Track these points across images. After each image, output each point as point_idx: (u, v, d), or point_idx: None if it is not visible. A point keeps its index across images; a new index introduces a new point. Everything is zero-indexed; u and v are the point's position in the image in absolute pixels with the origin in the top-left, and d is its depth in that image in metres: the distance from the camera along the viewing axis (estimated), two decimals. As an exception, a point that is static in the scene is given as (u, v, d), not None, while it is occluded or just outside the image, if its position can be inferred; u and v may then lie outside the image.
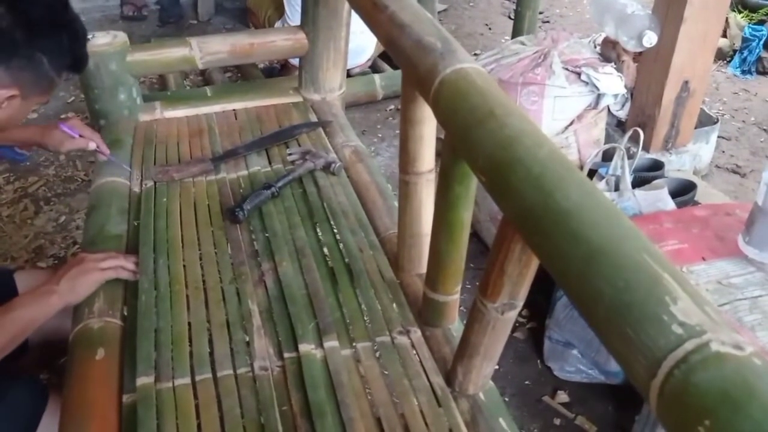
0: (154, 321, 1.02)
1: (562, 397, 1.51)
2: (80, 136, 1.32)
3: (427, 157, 1.03)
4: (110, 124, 1.57)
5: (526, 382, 1.56)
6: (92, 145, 1.33)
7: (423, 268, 1.10)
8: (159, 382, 0.92)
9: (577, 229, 0.56)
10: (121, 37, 1.53)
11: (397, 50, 0.96)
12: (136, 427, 0.86)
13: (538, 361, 1.61)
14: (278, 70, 2.94)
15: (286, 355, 0.97)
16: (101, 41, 1.51)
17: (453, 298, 1.00)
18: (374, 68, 2.94)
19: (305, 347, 0.98)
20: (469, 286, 1.77)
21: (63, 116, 2.63)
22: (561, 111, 1.70)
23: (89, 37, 1.52)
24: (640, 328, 0.48)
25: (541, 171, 0.63)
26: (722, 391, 0.42)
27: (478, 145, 0.72)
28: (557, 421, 1.46)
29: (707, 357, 0.44)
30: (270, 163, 1.45)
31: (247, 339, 1.00)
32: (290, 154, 1.46)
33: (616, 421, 1.46)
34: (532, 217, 0.62)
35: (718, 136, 2.31)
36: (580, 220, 0.57)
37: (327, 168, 1.41)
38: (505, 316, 0.79)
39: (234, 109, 1.67)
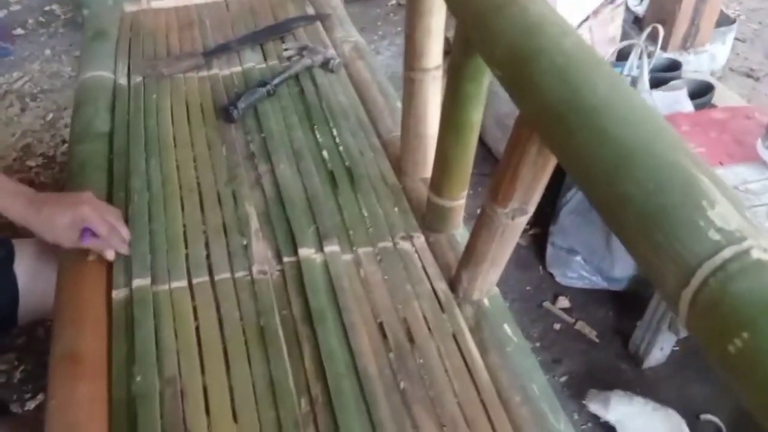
0: (147, 223, 0.99)
1: (563, 302, 1.51)
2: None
3: (434, 52, 0.96)
4: (93, 15, 1.47)
5: (527, 288, 1.56)
6: (110, 255, 0.92)
7: (427, 172, 1.05)
8: (155, 285, 0.90)
9: (605, 126, 0.51)
10: None
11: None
12: (133, 328, 0.84)
13: (540, 267, 1.60)
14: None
15: (285, 259, 0.94)
16: None
17: (458, 203, 0.96)
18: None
19: (305, 251, 0.95)
20: (471, 192, 1.73)
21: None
22: (576, 5, 1.60)
23: None
24: (672, 234, 0.44)
25: (566, 62, 0.57)
26: (764, 301, 0.38)
27: (495, 35, 0.65)
28: (557, 326, 1.47)
29: (747, 265, 0.40)
30: (265, 59, 1.37)
31: (245, 242, 0.97)
32: (286, 50, 1.37)
33: (617, 326, 1.47)
34: (554, 115, 0.56)
35: (734, 38, 2.21)
36: (608, 117, 0.51)
37: (325, 65, 1.33)
38: (515, 222, 0.76)
39: (225, 0, 1.56)
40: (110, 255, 0.91)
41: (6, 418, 0.96)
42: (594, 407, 1.28)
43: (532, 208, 0.74)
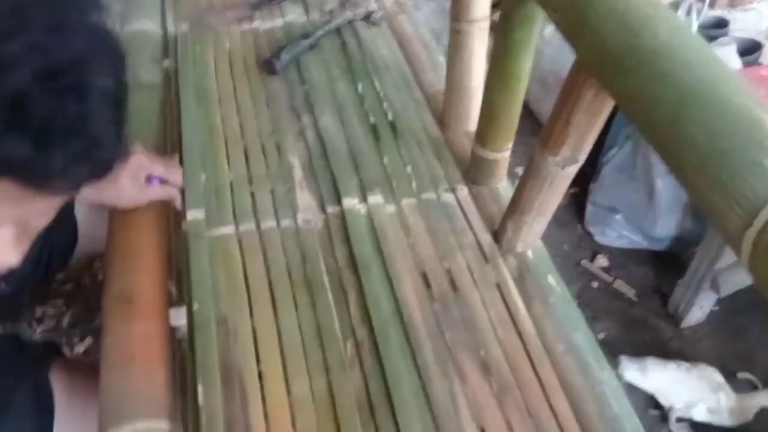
0: (197, 173, 1.00)
1: (602, 261, 1.50)
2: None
3: (481, 2, 0.95)
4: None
5: (565, 247, 1.55)
6: (179, 201, 0.94)
7: (471, 126, 1.05)
8: (206, 230, 0.92)
9: (667, 70, 0.50)
10: None
11: None
12: (189, 265, 0.86)
13: (579, 226, 1.59)
14: None
15: (329, 209, 0.96)
16: None
17: (503, 155, 0.96)
18: None
19: (349, 201, 0.96)
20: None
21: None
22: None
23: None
24: (736, 175, 0.43)
25: (626, 8, 0.56)
26: (830, 242, 0.38)
27: (551, -22, 0.64)
28: (595, 284, 1.46)
29: (814, 206, 0.40)
30: (306, 12, 1.36)
31: (289, 192, 0.98)
32: (328, 3, 1.36)
33: (656, 286, 1.46)
34: (613, 59, 0.55)
35: (787, -5, 2.12)
36: (670, 60, 0.51)
37: (367, 18, 1.32)
38: (566, 171, 0.75)
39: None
40: (179, 201, 0.92)
41: (57, 360, 1.00)
42: (630, 375, 1.24)
43: (582, 157, 0.74)
